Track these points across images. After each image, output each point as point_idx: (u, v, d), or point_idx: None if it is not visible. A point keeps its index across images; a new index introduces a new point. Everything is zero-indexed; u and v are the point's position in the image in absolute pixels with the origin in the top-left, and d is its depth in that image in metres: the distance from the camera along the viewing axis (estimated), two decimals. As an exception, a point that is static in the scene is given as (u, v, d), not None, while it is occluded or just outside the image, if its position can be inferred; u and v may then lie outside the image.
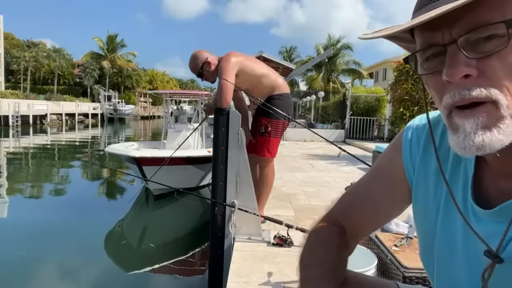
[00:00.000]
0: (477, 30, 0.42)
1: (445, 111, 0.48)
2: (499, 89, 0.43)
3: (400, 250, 1.96)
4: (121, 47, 55.31)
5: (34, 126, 30.60)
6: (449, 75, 0.44)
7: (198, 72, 2.97)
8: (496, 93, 0.43)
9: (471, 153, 0.46)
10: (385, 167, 0.73)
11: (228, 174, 2.64)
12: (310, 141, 12.18)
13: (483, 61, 0.43)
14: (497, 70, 0.43)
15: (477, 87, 0.43)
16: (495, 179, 0.54)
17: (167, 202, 6.70)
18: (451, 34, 0.45)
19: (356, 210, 0.74)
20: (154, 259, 4.64)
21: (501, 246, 0.49)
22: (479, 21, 0.42)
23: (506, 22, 0.41)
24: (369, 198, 0.73)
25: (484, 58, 0.43)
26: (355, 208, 0.75)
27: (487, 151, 0.45)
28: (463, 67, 0.43)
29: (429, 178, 0.64)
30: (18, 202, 7.51)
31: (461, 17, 0.43)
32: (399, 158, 0.69)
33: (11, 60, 47.62)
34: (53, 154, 15.78)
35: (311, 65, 31.76)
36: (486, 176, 0.55)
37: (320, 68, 37.06)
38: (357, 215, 0.74)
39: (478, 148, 0.45)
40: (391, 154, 0.72)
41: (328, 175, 5.90)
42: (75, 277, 4.22)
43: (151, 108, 61.57)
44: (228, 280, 2.12)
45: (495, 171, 0.53)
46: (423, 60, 0.50)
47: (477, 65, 0.43)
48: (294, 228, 2.57)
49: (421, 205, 0.66)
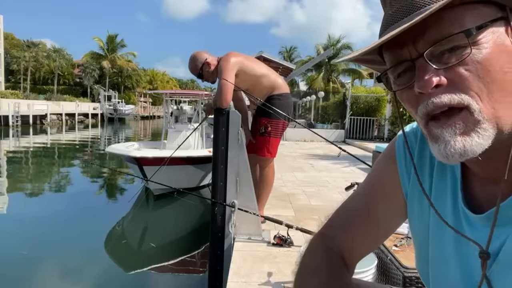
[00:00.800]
0: (441, 42, 0.45)
1: (422, 122, 0.50)
2: (469, 95, 0.45)
3: (400, 250, 1.96)
4: (121, 47, 55.37)
5: (34, 126, 30.61)
6: (421, 87, 0.47)
7: (198, 73, 2.97)
8: (467, 99, 0.45)
9: (455, 160, 0.47)
10: (380, 179, 0.72)
11: (228, 174, 2.64)
12: (310, 141, 12.18)
13: (451, 70, 0.46)
14: (465, 77, 0.45)
15: (449, 94, 0.46)
16: (482, 184, 0.55)
17: (168, 202, 6.71)
18: (417, 49, 0.47)
19: (353, 230, 0.71)
20: (154, 259, 4.64)
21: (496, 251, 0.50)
22: (441, 34, 0.45)
23: (465, 32, 0.44)
24: (366, 216, 0.70)
25: (451, 68, 0.46)
26: (352, 227, 0.71)
27: (469, 155, 0.46)
28: (433, 78, 0.46)
29: (423, 184, 0.63)
30: (18, 202, 7.51)
31: (424, 32, 0.46)
32: (394, 169, 0.68)
33: (11, 60, 47.64)
34: (53, 154, 15.79)
35: (311, 65, 31.77)
36: (474, 181, 0.56)
37: (320, 68, 37.08)
38: (355, 235, 0.71)
39: (461, 155, 0.46)
40: (385, 165, 0.71)
41: (328, 175, 5.90)
42: (75, 277, 4.22)
43: (151, 108, 61.59)
44: (228, 280, 2.12)
45: (481, 177, 0.55)
46: (395, 77, 0.52)
47: (446, 75, 0.46)
48: (294, 228, 2.57)
49: (416, 214, 0.66)
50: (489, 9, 0.46)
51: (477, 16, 0.46)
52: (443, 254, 0.59)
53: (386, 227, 0.73)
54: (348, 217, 0.73)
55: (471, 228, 0.54)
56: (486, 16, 0.46)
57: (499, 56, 0.45)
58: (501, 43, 0.46)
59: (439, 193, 0.61)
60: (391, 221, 0.72)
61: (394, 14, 0.49)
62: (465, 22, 0.45)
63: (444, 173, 0.61)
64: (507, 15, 0.47)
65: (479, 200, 0.55)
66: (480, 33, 0.45)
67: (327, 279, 0.64)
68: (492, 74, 0.45)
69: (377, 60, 0.57)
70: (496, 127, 0.46)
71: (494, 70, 0.45)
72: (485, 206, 0.53)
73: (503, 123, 0.46)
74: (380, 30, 0.52)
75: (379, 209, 0.70)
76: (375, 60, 0.57)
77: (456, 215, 0.57)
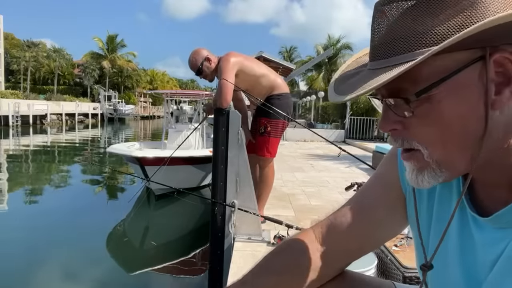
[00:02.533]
0: (394, 96, 0.49)
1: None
2: (419, 142, 0.50)
3: (400, 250, 1.96)
4: (121, 47, 55.41)
5: (34, 126, 30.61)
6: (380, 127, 0.53)
7: (197, 69, 2.95)
8: (417, 145, 0.50)
9: (422, 187, 0.53)
10: (381, 179, 0.73)
11: (228, 174, 2.64)
12: (310, 141, 12.18)
13: (406, 119, 0.50)
14: (415, 127, 0.49)
15: (403, 139, 0.51)
16: (485, 188, 0.55)
17: (169, 202, 6.71)
18: (382, 94, 0.51)
19: (352, 229, 0.71)
20: (155, 259, 4.64)
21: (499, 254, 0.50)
22: (395, 89, 0.48)
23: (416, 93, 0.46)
24: (366, 216, 0.71)
25: (406, 117, 0.49)
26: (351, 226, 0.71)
27: (424, 187, 0.52)
28: (390, 123, 0.51)
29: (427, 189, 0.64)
30: (19, 202, 7.52)
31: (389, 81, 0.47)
32: (394, 169, 0.69)
33: (11, 60, 47.67)
34: (53, 154, 15.80)
35: (311, 65, 31.77)
36: (477, 185, 0.57)
37: (320, 68, 37.08)
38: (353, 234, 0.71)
39: (418, 185, 0.52)
40: (387, 165, 0.72)
41: (328, 175, 5.90)
42: (76, 276, 4.22)
43: (151, 108, 61.61)
44: (228, 280, 2.12)
45: (482, 183, 0.55)
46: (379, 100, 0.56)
47: (402, 121, 0.50)
48: (294, 228, 2.57)
49: (414, 213, 0.65)
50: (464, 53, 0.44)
51: (438, 70, 0.45)
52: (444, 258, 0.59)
53: (386, 227, 0.72)
54: (347, 216, 0.73)
55: (480, 231, 0.54)
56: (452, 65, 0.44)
57: (457, 105, 0.46)
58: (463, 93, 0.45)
59: (444, 196, 0.61)
60: (391, 221, 0.71)
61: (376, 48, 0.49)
62: (418, 80, 0.46)
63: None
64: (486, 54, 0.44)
65: (484, 203, 0.55)
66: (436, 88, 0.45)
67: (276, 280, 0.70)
68: (445, 123, 0.47)
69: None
70: (448, 168, 0.50)
71: (448, 119, 0.46)
72: (490, 208, 0.53)
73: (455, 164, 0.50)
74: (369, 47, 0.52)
75: (379, 209, 0.70)
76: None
77: (462, 219, 0.57)
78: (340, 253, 0.72)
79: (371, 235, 0.73)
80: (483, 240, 0.53)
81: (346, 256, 0.73)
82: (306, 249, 0.72)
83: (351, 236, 0.71)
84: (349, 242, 0.72)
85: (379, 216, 0.70)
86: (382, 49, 0.47)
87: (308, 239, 0.73)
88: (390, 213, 0.70)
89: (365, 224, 0.71)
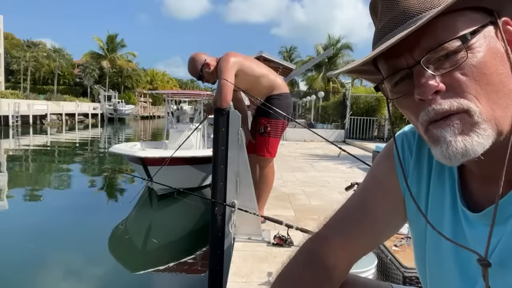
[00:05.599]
0: (436, 49, 0.47)
1: (422, 128, 0.51)
2: (468, 99, 0.46)
3: (400, 250, 1.96)
4: (121, 47, 55.36)
5: (34, 126, 30.60)
6: (421, 94, 0.48)
7: (198, 75, 2.97)
8: (466, 103, 0.46)
9: (457, 161, 0.48)
10: (379, 179, 0.72)
11: (228, 174, 2.64)
12: (310, 141, 12.18)
13: (448, 76, 0.47)
14: (462, 82, 0.46)
15: (448, 100, 0.47)
16: (479, 183, 0.55)
17: (171, 202, 6.72)
18: (413, 57, 0.48)
19: (351, 229, 0.71)
20: (156, 259, 4.65)
21: (491, 250, 0.50)
22: (436, 41, 0.46)
23: (461, 38, 0.46)
24: (365, 215, 0.70)
25: (449, 73, 0.47)
26: (350, 226, 0.71)
27: (471, 155, 0.47)
28: (432, 84, 0.47)
29: (421, 184, 0.64)
30: (19, 202, 7.51)
31: (419, 40, 0.47)
32: (392, 168, 0.68)
33: (11, 60, 47.65)
34: (53, 154, 15.78)
35: (311, 65, 31.76)
36: (471, 180, 0.57)
37: (320, 68, 37.09)
38: (352, 234, 0.71)
39: (463, 155, 0.47)
40: (384, 165, 0.71)
41: (328, 175, 5.90)
42: (77, 276, 4.23)
43: (151, 108, 61.56)
44: (228, 280, 2.12)
45: (478, 176, 0.55)
46: (392, 85, 0.53)
47: (444, 80, 0.47)
48: (294, 228, 2.57)
49: (413, 214, 0.66)
50: (478, 14, 0.48)
51: (468, 22, 0.47)
52: (439, 254, 0.59)
53: (386, 227, 0.72)
54: (346, 216, 0.73)
55: (470, 227, 0.55)
56: (476, 21, 0.48)
57: (492, 59, 0.47)
58: (493, 47, 0.48)
59: (437, 193, 0.61)
60: (390, 221, 0.71)
61: (387, 25, 0.50)
62: (457, 28, 0.47)
63: (442, 173, 0.61)
64: (496, 19, 0.49)
65: (477, 199, 0.55)
66: (473, 38, 0.46)
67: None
68: (488, 76, 0.46)
69: (371, 70, 0.58)
70: (496, 127, 0.47)
71: (489, 73, 0.46)
72: (483, 204, 0.53)
73: (501, 123, 0.48)
74: (373, 42, 0.54)
75: (378, 209, 0.70)
76: (369, 70, 0.58)
77: (455, 214, 0.57)
78: (344, 258, 0.72)
79: (371, 238, 0.72)
80: (475, 236, 0.53)
81: (348, 260, 0.73)
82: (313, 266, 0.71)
83: (353, 240, 0.71)
84: (351, 246, 0.71)
85: (380, 220, 0.70)
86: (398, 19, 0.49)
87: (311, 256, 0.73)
88: (391, 216, 0.70)
89: (366, 228, 0.71)
